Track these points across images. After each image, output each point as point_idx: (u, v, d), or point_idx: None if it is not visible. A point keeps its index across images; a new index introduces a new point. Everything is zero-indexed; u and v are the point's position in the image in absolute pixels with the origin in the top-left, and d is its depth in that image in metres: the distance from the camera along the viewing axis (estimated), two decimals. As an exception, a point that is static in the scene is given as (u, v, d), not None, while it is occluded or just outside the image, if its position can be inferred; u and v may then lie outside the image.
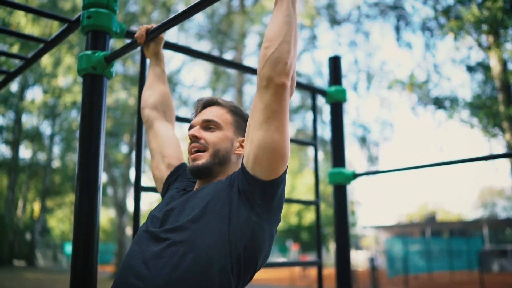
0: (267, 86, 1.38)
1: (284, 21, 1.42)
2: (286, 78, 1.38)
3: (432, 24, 15.15)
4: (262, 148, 1.40)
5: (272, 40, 1.40)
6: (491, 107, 12.72)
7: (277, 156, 1.41)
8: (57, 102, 18.72)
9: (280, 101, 1.39)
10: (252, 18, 17.43)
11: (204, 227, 1.41)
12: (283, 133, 1.40)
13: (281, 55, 1.38)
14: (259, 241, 1.43)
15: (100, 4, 2.04)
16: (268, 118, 1.39)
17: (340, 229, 2.90)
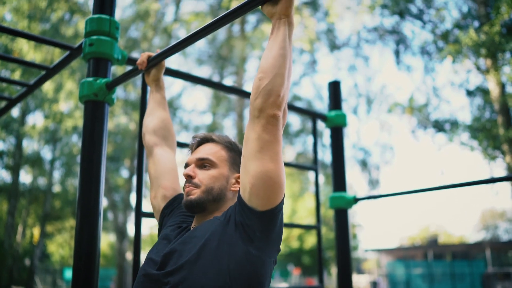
0: (259, 116, 1.40)
1: (279, 54, 1.43)
2: (278, 110, 1.39)
3: (431, 48, 15.29)
4: (258, 178, 1.40)
5: (266, 72, 1.41)
6: (491, 130, 12.74)
7: (273, 185, 1.40)
8: (58, 127, 18.77)
9: (272, 131, 1.40)
10: (253, 43, 17.60)
11: (203, 267, 1.40)
12: (277, 162, 1.41)
13: (274, 87, 1.39)
14: (260, 275, 1.43)
15: (102, 32, 2.07)
16: (261, 148, 1.40)
17: (341, 253, 2.89)
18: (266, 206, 1.41)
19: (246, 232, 1.43)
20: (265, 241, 1.44)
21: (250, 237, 1.42)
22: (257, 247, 1.42)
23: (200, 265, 1.41)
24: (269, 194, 1.40)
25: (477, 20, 13.69)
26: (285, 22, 1.47)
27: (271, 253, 1.47)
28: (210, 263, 1.40)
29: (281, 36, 1.45)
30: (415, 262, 26.78)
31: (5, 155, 22.15)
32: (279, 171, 1.41)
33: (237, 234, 1.43)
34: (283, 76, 1.41)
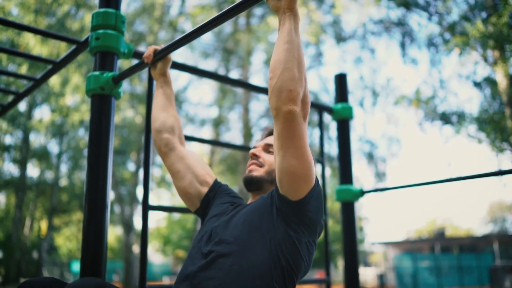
0: (277, 115, 1.43)
1: (284, 49, 1.44)
2: (292, 104, 1.40)
3: (437, 40, 15.19)
4: (282, 173, 1.48)
5: (274, 70, 1.44)
6: (499, 122, 12.67)
7: (297, 179, 1.48)
8: (65, 121, 18.84)
9: (291, 128, 1.43)
10: (258, 36, 17.55)
11: (248, 242, 1.52)
12: (301, 157, 1.46)
13: (284, 83, 1.41)
14: (298, 253, 1.53)
15: (108, 26, 2.07)
16: (282, 145, 1.46)
17: (348, 246, 2.89)
18: (295, 197, 1.50)
19: (283, 216, 1.54)
20: (301, 225, 1.53)
21: (287, 221, 1.54)
22: (294, 229, 1.53)
23: (246, 239, 1.54)
24: (295, 187, 1.49)
25: (485, 12, 13.58)
26: (290, 16, 1.47)
27: (309, 235, 1.57)
28: (255, 239, 1.53)
29: (286, 31, 1.46)
30: (422, 255, 26.75)
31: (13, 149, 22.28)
32: (302, 166, 1.47)
33: (279, 217, 1.55)
34: (291, 70, 1.42)
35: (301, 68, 1.45)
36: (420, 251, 31.35)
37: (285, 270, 1.50)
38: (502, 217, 49.71)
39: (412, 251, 31.13)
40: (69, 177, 24.09)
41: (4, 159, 22.46)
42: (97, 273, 1.87)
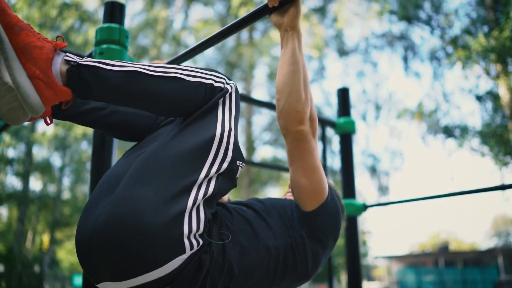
0: (286, 135, 1.48)
1: (289, 70, 1.46)
2: (301, 124, 1.44)
3: (440, 54, 15.24)
4: (293, 187, 1.53)
5: (281, 92, 1.46)
6: (502, 135, 12.65)
7: (306, 193, 1.51)
8: (68, 134, 18.89)
9: (301, 146, 1.47)
10: (261, 50, 17.64)
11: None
12: (310, 174, 1.49)
13: (291, 105, 1.44)
14: (300, 253, 1.51)
15: (112, 41, 2.09)
16: (293, 162, 1.50)
17: (351, 260, 2.87)
18: (306, 208, 1.53)
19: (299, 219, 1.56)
20: (311, 232, 1.54)
21: (301, 224, 1.55)
22: (306, 233, 1.54)
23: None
24: (304, 200, 1.52)
25: (487, 25, 13.64)
26: (293, 34, 1.49)
27: (319, 244, 1.56)
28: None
29: (290, 51, 1.48)
30: (426, 269, 26.58)
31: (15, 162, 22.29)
32: (311, 183, 1.50)
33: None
34: (298, 92, 1.44)
35: (307, 88, 1.49)
36: (424, 265, 31.13)
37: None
38: (506, 231, 49.39)
39: (416, 265, 30.92)
40: (72, 190, 24.08)
41: (7, 172, 22.47)
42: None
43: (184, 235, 1.20)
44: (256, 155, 18.82)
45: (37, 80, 1.16)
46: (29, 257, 24.00)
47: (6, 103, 1.18)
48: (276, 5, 1.50)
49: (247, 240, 1.39)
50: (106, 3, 2.18)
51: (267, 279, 1.43)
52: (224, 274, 1.32)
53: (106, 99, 1.28)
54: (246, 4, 15.76)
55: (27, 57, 1.16)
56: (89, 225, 1.23)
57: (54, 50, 1.20)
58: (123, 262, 1.18)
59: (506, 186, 2.23)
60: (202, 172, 1.26)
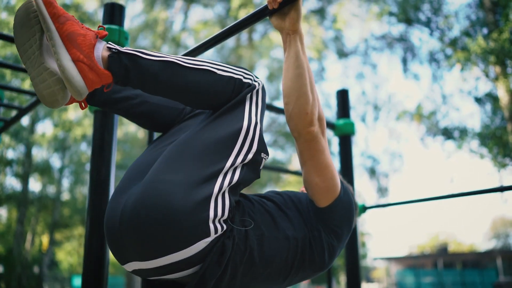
0: (297, 137, 1.51)
1: (296, 74, 1.49)
2: (310, 126, 1.48)
3: (439, 56, 15.25)
4: (307, 185, 1.58)
5: (289, 96, 1.49)
6: (501, 137, 12.65)
7: (319, 191, 1.55)
8: (67, 135, 18.88)
9: (312, 146, 1.51)
10: (261, 51, 17.65)
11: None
12: (322, 172, 1.54)
13: (301, 108, 1.47)
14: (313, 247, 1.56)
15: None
16: (305, 162, 1.54)
17: (350, 262, 2.88)
18: (321, 205, 1.57)
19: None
20: (326, 227, 1.58)
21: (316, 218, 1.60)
22: (321, 227, 1.59)
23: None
24: (319, 197, 1.56)
25: (486, 27, 13.65)
26: (295, 37, 1.52)
27: (334, 237, 1.61)
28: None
29: (295, 55, 1.51)
30: (425, 271, 26.58)
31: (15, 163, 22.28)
32: (323, 181, 1.54)
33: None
34: (305, 95, 1.48)
35: (313, 89, 1.53)
36: (423, 266, 31.13)
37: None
38: (505, 232, 49.38)
39: (415, 266, 30.92)
40: (71, 191, 24.06)
41: (6, 173, 22.46)
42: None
43: (209, 219, 1.27)
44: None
45: (81, 63, 1.26)
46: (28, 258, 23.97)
47: (47, 87, 1.29)
48: (275, 7, 1.50)
49: (268, 229, 1.45)
50: (106, 4, 2.19)
51: (285, 268, 1.49)
52: (245, 260, 1.37)
53: (141, 86, 1.37)
54: (245, 6, 15.77)
55: (72, 43, 1.26)
56: (118, 207, 1.31)
57: (96, 37, 1.31)
58: (150, 242, 1.25)
59: (505, 188, 2.24)
60: (228, 161, 1.34)
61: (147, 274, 1.33)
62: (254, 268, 1.40)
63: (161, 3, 17.70)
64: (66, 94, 1.32)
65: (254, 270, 1.41)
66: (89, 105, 1.54)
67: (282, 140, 18.69)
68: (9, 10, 14.92)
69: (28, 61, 1.30)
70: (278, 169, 4.09)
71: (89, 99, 1.53)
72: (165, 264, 1.28)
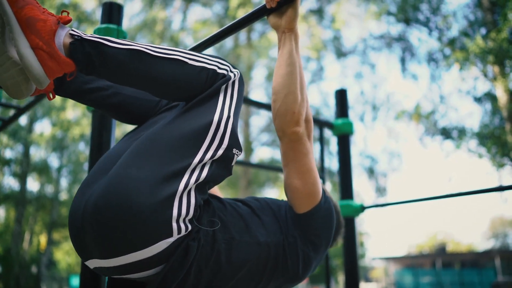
0: (282, 136, 1.47)
1: (286, 72, 1.46)
2: (296, 126, 1.44)
3: (437, 56, 15.26)
4: (286, 188, 1.53)
5: (278, 93, 1.46)
6: (499, 137, 12.67)
7: (300, 195, 1.50)
8: (65, 135, 18.86)
9: (296, 147, 1.46)
10: (259, 51, 17.64)
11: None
12: (304, 176, 1.48)
13: (288, 106, 1.44)
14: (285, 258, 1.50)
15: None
16: (287, 164, 1.49)
17: (349, 261, 2.87)
18: (299, 210, 1.52)
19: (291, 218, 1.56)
20: (303, 234, 1.52)
21: (293, 224, 1.54)
22: (297, 235, 1.53)
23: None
24: (298, 202, 1.51)
25: (484, 27, 13.67)
26: (290, 36, 1.50)
27: (311, 247, 1.54)
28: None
29: (287, 53, 1.48)
30: (424, 271, 26.61)
31: (13, 162, 22.25)
32: (304, 185, 1.49)
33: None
34: (294, 93, 1.45)
35: (303, 89, 1.49)
36: (421, 266, 31.16)
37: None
38: (504, 232, 49.45)
39: (413, 266, 30.95)
40: (69, 191, 24.03)
41: (4, 173, 22.43)
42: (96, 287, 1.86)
43: (172, 218, 1.21)
44: (254, 156, 18.82)
45: (40, 51, 1.19)
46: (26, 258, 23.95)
47: (10, 77, 1.23)
48: (274, 6, 1.50)
49: (238, 233, 1.39)
50: (104, 4, 2.18)
51: (256, 276, 1.43)
52: (211, 264, 1.31)
53: (107, 75, 1.30)
54: (244, 5, 15.76)
55: (31, 30, 1.19)
56: (81, 202, 1.25)
57: (58, 23, 1.23)
58: (110, 240, 1.19)
59: (504, 188, 2.24)
60: (196, 157, 1.27)
61: (108, 272, 1.28)
62: (221, 273, 1.35)
63: (159, 2, 17.69)
64: (31, 85, 1.26)
65: (221, 275, 1.35)
66: (58, 95, 1.48)
67: (281, 140, 18.66)
68: None
69: None
70: (276, 168, 4.08)
71: (57, 89, 1.46)
72: (125, 263, 1.22)
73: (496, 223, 50.27)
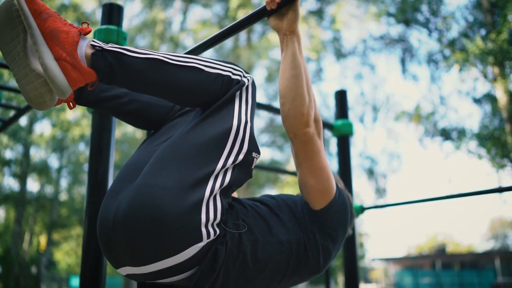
0: (293, 138, 1.49)
1: (292, 75, 1.47)
2: (307, 127, 1.46)
3: (437, 57, 15.26)
4: (301, 187, 1.56)
5: (285, 97, 1.47)
6: (499, 138, 12.67)
7: (314, 193, 1.53)
8: (65, 135, 18.86)
9: (307, 147, 1.49)
10: (259, 52, 17.64)
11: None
12: (318, 174, 1.52)
13: (296, 109, 1.45)
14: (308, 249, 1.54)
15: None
16: (300, 164, 1.52)
17: (348, 262, 2.88)
18: (316, 207, 1.55)
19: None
20: (321, 229, 1.56)
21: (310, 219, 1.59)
22: (316, 230, 1.57)
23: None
24: (314, 199, 1.54)
25: (484, 28, 13.67)
26: (292, 38, 1.51)
27: (329, 239, 1.58)
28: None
29: (291, 55, 1.49)
30: (423, 272, 26.60)
31: (13, 163, 22.24)
32: (318, 183, 1.52)
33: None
34: (302, 95, 1.46)
35: (310, 90, 1.51)
36: (421, 267, 31.14)
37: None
38: (503, 233, 49.43)
39: (413, 267, 30.93)
40: (69, 191, 24.03)
41: (4, 173, 22.42)
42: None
43: (202, 223, 1.25)
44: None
45: (64, 62, 1.22)
46: (26, 258, 23.93)
47: (34, 89, 1.25)
48: (274, 7, 1.50)
49: (261, 234, 1.43)
50: (104, 5, 2.18)
51: (280, 272, 1.48)
52: (238, 264, 1.36)
53: (127, 84, 1.34)
54: (244, 6, 15.77)
55: (54, 41, 1.23)
56: (110, 211, 1.29)
57: (79, 34, 1.27)
58: (142, 248, 1.24)
59: (503, 189, 2.24)
60: (219, 163, 1.31)
61: (141, 278, 1.32)
62: (247, 272, 1.39)
63: (159, 3, 17.69)
64: (54, 95, 1.28)
65: (248, 274, 1.40)
66: (78, 104, 1.52)
67: (280, 141, 18.69)
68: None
69: (13, 62, 1.26)
70: (276, 169, 4.09)
71: (77, 98, 1.50)
72: (157, 270, 1.27)
73: (495, 224, 50.26)
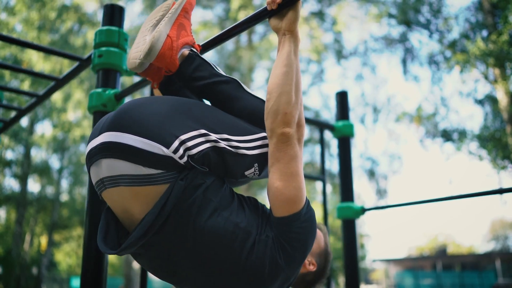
0: (271, 136, 1.44)
1: (282, 72, 1.46)
2: (287, 127, 1.42)
3: (438, 58, 15.27)
4: (268, 190, 1.45)
5: (272, 93, 1.45)
6: (500, 139, 12.67)
7: (278, 198, 1.41)
8: (66, 136, 18.88)
9: (284, 149, 1.42)
10: (260, 53, 17.65)
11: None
12: (288, 178, 1.41)
13: (280, 106, 1.42)
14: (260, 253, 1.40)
15: (111, 44, 2.09)
16: (272, 165, 1.44)
17: (349, 263, 2.88)
18: (276, 214, 1.42)
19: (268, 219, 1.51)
20: (277, 238, 1.41)
21: (269, 226, 1.47)
22: (273, 238, 1.44)
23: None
24: (277, 205, 1.42)
25: (485, 30, 13.68)
26: (290, 38, 1.50)
27: (283, 253, 1.42)
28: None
29: (285, 54, 1.48)
30: (424, 273, 26.58)
31: (14, 164, 22.25)
32: (287, 189, 1.41)
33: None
34: (288, 94, 1.43)
35: (298, 91, 1.47)
36: (422, 268, 31.13)
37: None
38: (504, 234, 49.40)
39: (414, 268, 30.91)
40: (70, 192, 24.04)
41: (5, 174, 22.45)
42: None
43: (178, 137, 1.33)
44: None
45: (170, 39, 1.55)
46: (27, 259, 23.94)
47: (137, 50, 1.57)
48: (275, 8, 1.50)
49: (222, 205, 1.38)
50: (106, 6, 2.19)
51: (232, 256, 1.36)
52: (184, 221, 1.33)
53: (199, 90, 1.62)
54: (245, 7, 15.78)
55: (177, 28, 1.59)
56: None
57: (192, 43, 1.64)
58: (129, 117, 1.37)
59: (504, 190, 2.24)
60: (254, 135, 1.51)
61: (113, 151, 1.34)
62: (188, 234, 1.33)
63: (160, 4, 17.69)
64: (145, 64, 1.59)
65: (187, 238, 1.33)
66: (159, 88, 1.77)
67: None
68: (8, 11, 14.92)
69: (143, 27, 1.61)
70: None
71: (161, 86, 1.76)
72: (131, 145, 1.31)
73: (496, 226, 50.23)
